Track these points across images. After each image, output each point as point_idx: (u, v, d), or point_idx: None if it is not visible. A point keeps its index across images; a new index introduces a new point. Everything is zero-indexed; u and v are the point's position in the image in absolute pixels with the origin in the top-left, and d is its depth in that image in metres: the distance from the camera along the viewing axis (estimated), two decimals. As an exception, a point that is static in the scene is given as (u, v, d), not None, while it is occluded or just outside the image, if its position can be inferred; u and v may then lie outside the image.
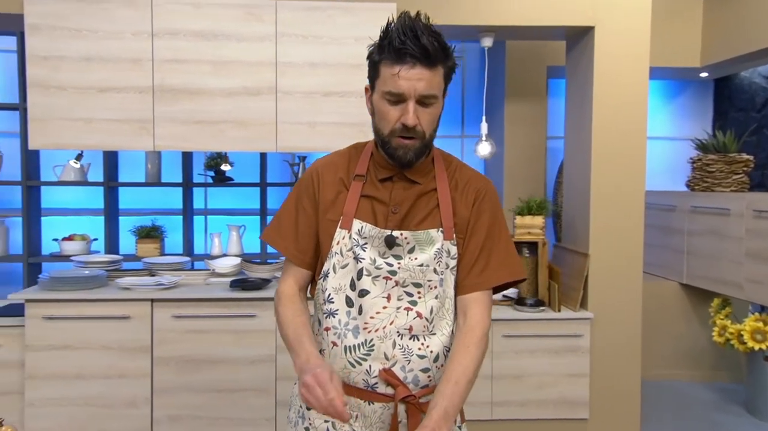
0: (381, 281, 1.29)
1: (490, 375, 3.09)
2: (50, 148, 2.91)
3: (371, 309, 1.28)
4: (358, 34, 2.99)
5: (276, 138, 2.98)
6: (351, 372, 1.29)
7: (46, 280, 2.85)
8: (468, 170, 1.42)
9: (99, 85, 2.86)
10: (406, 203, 1.32)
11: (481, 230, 1.35)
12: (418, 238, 1.31)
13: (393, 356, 1.28)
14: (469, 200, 1.36)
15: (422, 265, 1.30)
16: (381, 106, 1.27)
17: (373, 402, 1.29)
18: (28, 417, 2.83)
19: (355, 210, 1.32)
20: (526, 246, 3.38)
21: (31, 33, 2.83)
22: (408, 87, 1.21)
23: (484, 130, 3.39)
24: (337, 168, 1.37)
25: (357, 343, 1.28)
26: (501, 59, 4.30)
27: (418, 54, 1.20)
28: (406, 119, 1.23)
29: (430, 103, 1.25)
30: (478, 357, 1.28)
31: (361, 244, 1.30)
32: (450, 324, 1.33)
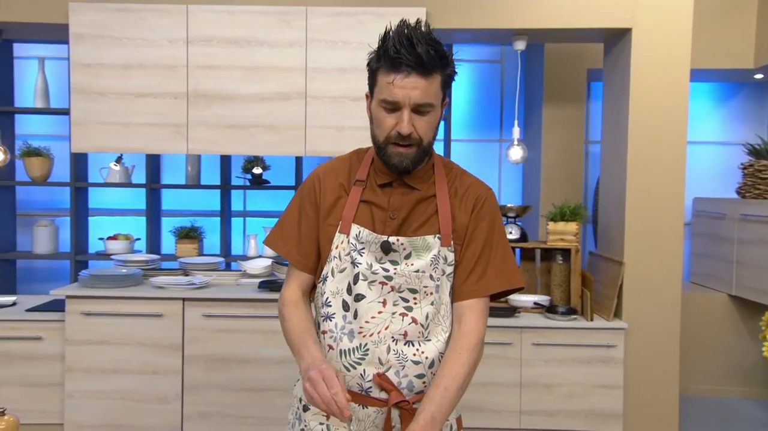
0: (377, 286, 1.30)
1: (519, 382, 3.04)
2: (91, 151, 3.04)
3: (366, 314, 1.29)
4: (387, 38, 2.99)
5: (305, 142, 3.03)
6: (346, 376, 1.30)
7: (85, 277, 2.98)
8: (468, 178, 1.41)
9: (137, 91, 2.98)
10: (405, 209, 1.33)
11: (479, 237, 1.34)
12: (415, 244, 1.31)
13: (387, 361, 1.29)
14: (468, 207, 1.35)
15: (418, 271, 1.30)
16: (377, 114, 1.28)
17: (367, 406, 1.30)
18: (67, 408, 2.97)
19: (354, 215, 1.33)
20: (559, 253, 3.32)
21: (76, 42, 2.97)
22: (403, 96, 1.22)
23: (516, 134, 3.34)
24: (338, 173, 1.39)
25: (352, 347, 1.29)
26: (539, 62, 4.23)
27: (412, 63, 1.20)
28: (401, 128, 1.24)
29: (426, 112, 1.25)
30: (469, 364, 1.27)
31: (359, 249, 1.32)
32: (446, 331, 1.33)
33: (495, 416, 3.05)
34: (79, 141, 3.00)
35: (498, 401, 3.05)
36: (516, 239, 3.35)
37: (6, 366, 3.01)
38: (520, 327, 3.05)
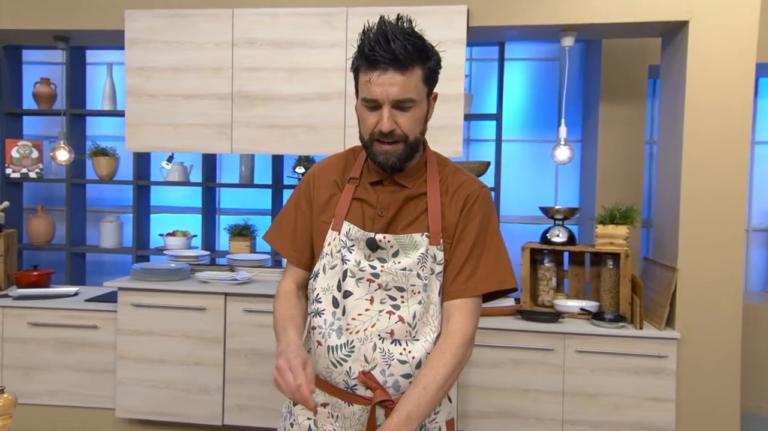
0: (364, 283, 1.29)
1: (561, 390, 2.94)
2: (143, 150, 3.20)
3: (353, 311, 1.29)
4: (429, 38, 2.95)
5: (344, 141, 3.05)
6: (333, 372, 1.31)
7: (137, 271, 3.14)
8: (461, 175, 1.38)
9: (185, 93, 3.11)
10: (393, 207, 1.32)
11: (469, 236, 1.31)
12: (402, 242, 1.30)
13: (373, 359, 1.28)
14: (458, 205, 1.33)
15: (405, 269, 1.28)
16: (361, 113, 1.29)
17: (353, 403, 1.29)
18: (118, 394, 3.13)
19: (346, 212, 1.33)
20: (610, 258, 3.18)
21: (130, 47, 3.14)
22: (381, 93, 1.22)
23: (563, 134, 3.23)
24: (333, 170, 1.40)
25: (339, 343, 1.29)
26: (598, 58, 4.07)
27: (387, 59, 1.20)
28: (381, 125, 1.24)
29: (408, 107, 1.24)
30: (452, 364, 1.24)
31: (348, 246, 1.32)
32: (435, 331, 1.30)
33: (537, 424, 2.97)
34: (133, 141, 3.17)
35: (540, 408, 2.96)
36: (563, 243, 3.24)
37: (66, 352, 3.22)
38: (564, 333, 2.94)
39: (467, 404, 3.00)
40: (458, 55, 2.97)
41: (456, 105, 2.98)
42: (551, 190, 4.39)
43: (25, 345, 3.23)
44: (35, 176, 4.06)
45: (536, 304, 3.34)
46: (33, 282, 3.44)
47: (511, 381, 2.97)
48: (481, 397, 2.99)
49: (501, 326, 3.00)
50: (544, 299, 3.32)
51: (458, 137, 3.00)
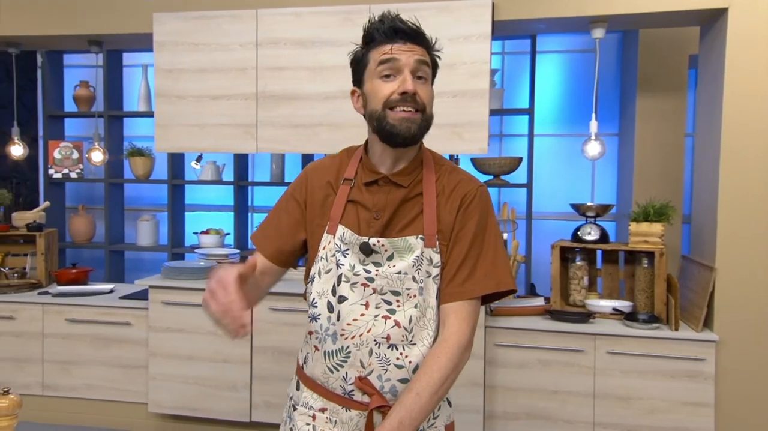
0: (359, 287, 1.27)
1: (592, 392, 2.86)
2: (172, 151, 3.25)
3: (348, 316, 1.27)
4: (453, 33, 2.93)
5: (368, 140, 3.03)
6: (329, 378, 1.29)
7: (167, 269, 3.20)
8: (458, 174, 1.34)
9: (211, 94, 3.15)
10: (389, 209, 1.28)
11: (466, 237, 1.28)
12: (396, 245, 1.27)
13: (369, 364, 1.26)
14: (454, 205, 1.29)
15: (400, 272, 1.26)
16: (374, 86, 1.25)
17: (350, 409, 1.28)
18: (151, 389, 3.21)
19: (341, 215, 1.31)
20: (645, 256, 3.07)
21: (158, 49, 3.20)
22: (404, 58, 1.22)
23: (593, 128, 3.13)
24: (326, 172, 1.37)
25: (335, 349, 1.28)
26: (634, 49, 3.93)
27: (408, 30, 1.23)
28: (406, 86, 1.21)
29: (426, 78, 1.25)
30: (447, 368, 1.21)
31: (343, 250, 1.29)
32: (432, 335, 1.27)
33: (567, 426, 2.90)
34: (162, 142, 3.23)
35: (570, 410, 2.89)
36: (595, 241, 3.15)
37: (102, 348, 3.32)
38: (594, 334, 2.86)
39: (494, 405, 2.95)
40: (483, 50, 2.91)
41: (481, 101, 2.92)
42: (587, 186, 4.27)
43: (63, 340, 3.35)
44: (76, 176, 4.20)
45: (567, 303, 3.26)
46: (71, 280, 3.56)
47: (540, 383, 2.91)
48: (509, 398, 2.94)
49: (529, 326, 2.94)
50: (575, 299, 3.24)
51: (483, 133, 2.94)
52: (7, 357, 3.40)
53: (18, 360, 3.40)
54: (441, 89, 2.93)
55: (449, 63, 2.95)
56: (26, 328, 3.37)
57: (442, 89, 2.94)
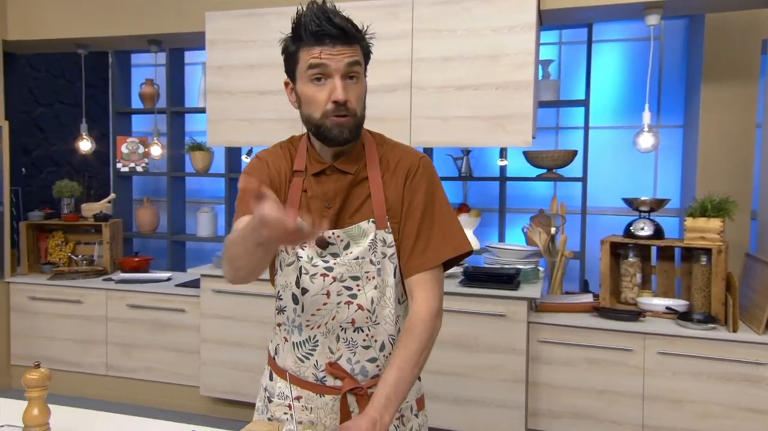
0: (318, 278, 1.28)
1: (641, 394, 2.76)
2: (223, 145, 3.37)
3: (312, 307, 1.29)
4: (496, 24, 2.88)
5: (410, 133, 3.04)
6: (301, 367, 1.32)
7: (218, 258, 3.33)
8: (400, 150, 1.35)
9: (260, 89, 3.24)
10: (339, 197, 1.30)
11: (416, 209, 1.30)
12: (351, 233, 1.29)
13: (338, 349, 1.29)
14: (399, 180, 1.31)
15: (357, 258, 1.28)
16: (307, 92, 1.24)
17: (324, 394, 1.31)
18: (202, 373, 3.35)
19: (297, 208, 1.31)
20: (703, 253, 2.92)
21: (210, 47, 3.32)
22: (333, 63, 1.20)
23: (646, 119, 3.00)
24: (280, 160, 1.34)
25: (302, 340, 1.31)
26: (700, 35, 3.72)
27: (336, 33, 1.19)
28: (336, 95, 1.20)
29: (356, 77, 1.23)
30: (422, 339, 1.23)
31: (301, 243, 1.29)
32: (393, 312, 1.30)
33: (614, 427, 2.81)
34: (214, 136, 3.36)
35: (617, 411, 2.80)
36: (648, 236, 3.02)
37: (158, 333, 3.50)
38: (644, 333, 2.76)
39: (538, 402, 2.90)
40: (527, 40, 2.85)
41: (525, 93, 2.86)
42: (649, 180, 4.09)
43: (124, 324, 3.55)
44: (141, 170, 4.42)
45: (619, 301, 3.15)
46: (134, 268, 3.76)
47: (586, 381, 2.83)
48: (553, 396, 2.88)
49: (575, 323, 2.86)
50: (627, 297, 3.12)
51: (527, 125, 2.88)
52: (75, 339, 3.65)
53: (85, 341, 3.63)
54: (483, 81, 2.92)
55: (492, 54, 2.91)
56: (92, 312, 3.60)
57: (485, 81, 2.91)
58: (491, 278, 2.92)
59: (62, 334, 3.67)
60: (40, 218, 3.92)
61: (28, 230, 3.89)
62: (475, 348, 2.91)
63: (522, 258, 3.30)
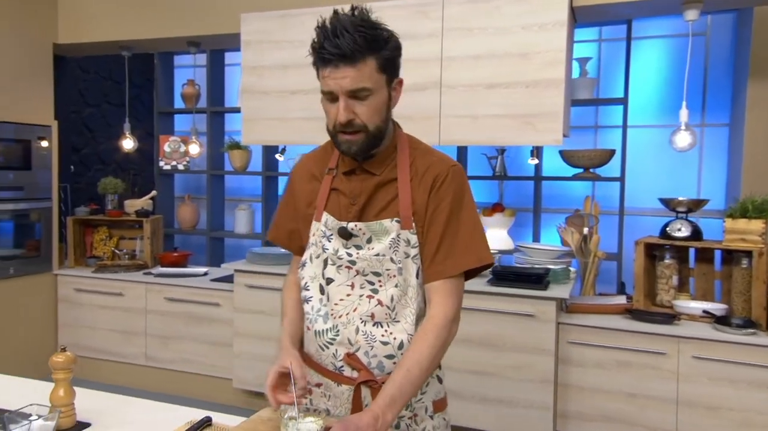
0: (344, 269, 1.34)
1: (675, 399, 2.69)
2: (257, 143, 3.45)
3: (336, 296, 1.35)
4: (526, 21, 2.86)
5: (439, 132, 3.04)
6: (321, 355, 1.37)
7: (251, 254, 3.41)
8: (431, 156, 1.37)
9: (292, 89, 3.29)
10: (364, 195, 1.34)
11: (441, 216, 1.31)
12: (373, 229, 1.32)
13: (356, 341, 1.33)
14: (426, 186, 1.33)
15: (378, 254, 1.31)
16: (324, 105, 1.31)
17: (341, 383, 1.35)
18: (235, 366, 3.44)
19: (325, 203, 1.38)
20: (744, 256, 2.83)
21: (245, 48, 3.39)
22: (335, 86, 1.24)
23: (683, 117, 2.92)
24: (311, 163, 1.45)
25: (325, 328, 1.35)
26: (748, 30, 3.59)
27: (335, 54, 1.21)
28: (338, 116, 1.25)
29: (364, 96, 1.25)
30: (434, 345, 1.26)
31: (328, 235, 1.36)
32: (414, 312, 1.33)
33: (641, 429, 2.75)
34: (249, 135, 3.44)
35: (649, 416, 2.73)
36: (685, 238, 2.94)
37: (194, 325, 3.60)
38: (678, 336, 2.69)
39: (567, 404, 2.86)
40: (559, 38, 2.81)
41: (556, 91, 2.82)
42: (693, 181, 3.97)
43: (163, 316, 3.67)
44: (182, 168, 4.56)
45: (654, 304, 3.07)
46: (173, 262, 3.89)
47: (617, 384, 2.78)
48: (584, 398, 2.83)
49: (607, 324, 2.81)
50: (662, 299, 3.05)
51: (558, 124, 2.84)
52: (117, 330, 3.79)
53: (125, 332, 3.77)
54: (513, 79, 2.89)
55: (522, 52, 2.88)
56: (132, 304, 3.74)
57: (515, 79, 2.89)
58: (520, 278, 2.90)
59: (105, 325, 3.82)
60: (86, 214, 4.09)
61: (75, 225, 4.07)
62: (503, 347, 2.89)
63: (554, 258, 3.26)
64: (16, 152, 3.68)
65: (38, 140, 3.80)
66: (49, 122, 3.89)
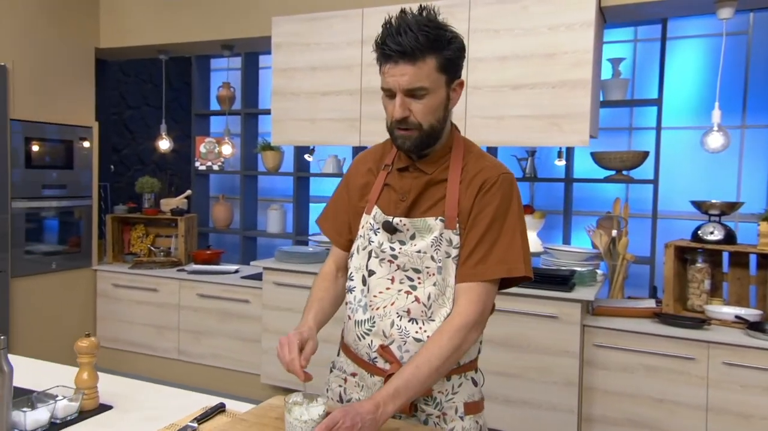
0: (386, 263, 1.37)
1: (705, 406, 2.63)
2: (287, 144, 3.52)
3: (375, 289, 1.37)
4: (553, 22, 2.85)
5: (465, 132, 3.04)
6: (358, 345, 1.40)
7: (280, 252, 3.48)
8: (483, 161, 1.38)
9: (321, 90, 3.35)
10: (414, 192, 1.36)
11: (483, 221, 1.31)
12: (417, 225, 1.35)
13: (391, 334, 1.34)
14: (473, 190, 1.33)
15: (420, 251, 1.33)
16: (383, 101, 1.34)
17: (374, 374, 1.37)
18: (263, 362, 3.51)
19: (377, 197, 1.42)
20: (779, 260, 2.75)
21: (276, 50, 3.47)
22: (393, 83, 1.27)
23: (716, 118, 2.86)
24: (369, 159, 1.50)
25: (364, 318, 1.38)
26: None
27: (396, 51, 1.24)
28: (393, 112, 1.29)
29: (421, 95, 1.27)
30: (448, 347, 1.25)
31: (375, 228, 1.40)
32: (449, 313, 1.33)
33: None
34: (278, 135, 3.52)
35: (678, 422, 2.68)
36: (717, 241, 2.88)
37: (225, 321, 3.69)
38: (707, 342, 2.63)
39: (592, 407, 2.83)
40: (586, 38, 2.79)
41: (582, 91, 2.80)
42: (732, 183, 3.86)
43: (195, 312, 3.77)
44: (217, 168, 4.67)
45: (685, 308, 3.01)
46: (206, 260, 3.99)
47: (644, 389, 2.74)
48: (609, 402, 2.80)
49: (634, 328, 2.77)
50: (694, 304, 2.98)
51: (584, 124, 2.82)
52: (151, 324, 3.91)
53: (159, 327, 3.89)
54: (539, 80, 2.89)
55: (548, 53, 2.87)
56: (166, 300, 3.86)
57: (541, 80, 2.88)
58: (544, 279, 2.88)
59: (140, 319, 3.95)
60: (124, 212, 4.24)
61: (113, 222, 4.22)
62: (527, 348, 2.87)
63: (581, 261, 3.23)
64: (59, 151, 3.84)
65: (80, 141, 3.96)
66: (91, 123, 4.05)
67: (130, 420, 1.34)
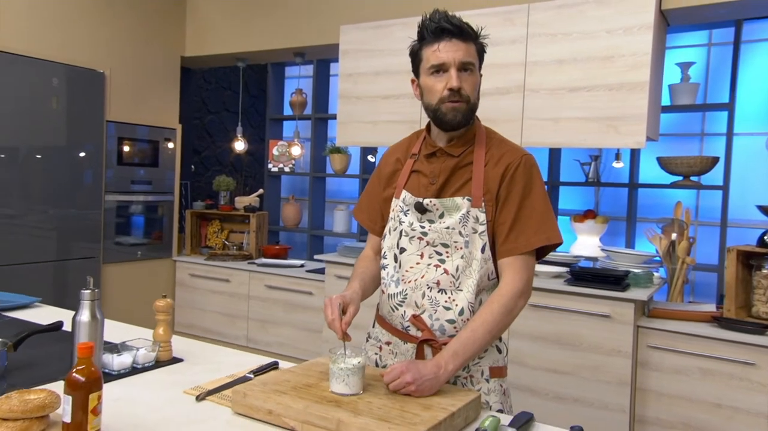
0: (416, 240, 1.51)
1: (767, 413, 2.57)
2: (350, 145, 3.71)
3: (407, 264, 1.51)
4: (611, 26, 2.89)
5: (521, 134, 3.12)
6: (392, 316, 1.53)
7: (342, 248, 3.66)
8: (505, 146, 1.51)
9: (383, 94, 3.52)
10: (443, 175, 1.50)
11: (513, 200, 1.45)
12: (446, 204, 1.48)
13: (422, 305, 1.48)
14: (498, 172, 1.46)
15: (448, 227, 1.46)
16: (428, 82, 1.47)
17: (407, 341, 1.50)
18: (323, 351, 3.65)
19: (405, 183, 1.56)
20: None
21: (343, 57, 3.68)
22: (448, 57, 1.41)
23: (780, 120, 2.79)
24: (396, 151, 1.65)
25: (396, 292, 1.52)
26: None
27: (452, 29, 1.41)
28: (451, 82, 1.41)
29: (470, 70, 1.43)
30: (500, 312, 1.39)
31: (405, 210, 1.54)
32: (475, 283, 1.45)
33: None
34: (342, 137, 3.71)
35: (737, 428, 2.64)
36: None
37: (291, 311, 3.91)
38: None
39: (645, 409, 2.82)
40: (644, 41, 2.82)
41: (639, 94, 2.82)
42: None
43: (263, 302, 4.01)
44: (288, 170, 4.94)
45: (750, 315, 2.95)
46: (274, 254, 4.23)
47: (700, 393, 2.71)
48: (663, 404, 2.78)
49: (691, 331, 2.75)
50: (759, 311, 2.91)
51: (641, 127, 2.83)
52: (223, 312, 4.19)
53: (230, 315, 4.16)
54: (596, 82, 2.94)
55: (607, 56, 2.92)
56: (237, 290, 4.12)
57: (598, 82, 2.93)
58: (597, 279, 2.90)
59: (213, 307, 4.23)
60: (202, 208, 4.56)
61: (192, 217, 4.55)
62: (579, 347, 2.90)
63: (639, 263, 3.22)
64: (147, 151, 4.20)
65: (165, 141, 4.31)
66: (175, 125, 4.40)
67: (197, 371, 1.53)
